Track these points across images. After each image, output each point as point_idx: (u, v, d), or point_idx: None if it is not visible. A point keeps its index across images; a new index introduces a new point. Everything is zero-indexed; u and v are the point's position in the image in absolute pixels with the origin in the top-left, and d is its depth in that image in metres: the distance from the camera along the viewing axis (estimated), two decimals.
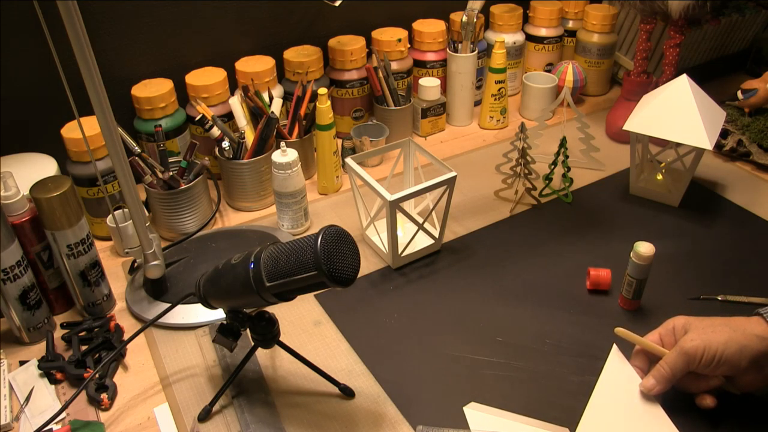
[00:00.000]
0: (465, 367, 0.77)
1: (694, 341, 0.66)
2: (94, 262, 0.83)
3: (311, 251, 0.58)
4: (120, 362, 0.79)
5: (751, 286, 0.87)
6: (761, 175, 1.12)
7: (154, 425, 0.71)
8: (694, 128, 0.94)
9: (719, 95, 1.16)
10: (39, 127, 1.03)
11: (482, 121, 1.29)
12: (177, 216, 0.97)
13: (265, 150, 1.03)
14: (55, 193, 0.75)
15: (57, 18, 0.63)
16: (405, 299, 0.87)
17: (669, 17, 1.11)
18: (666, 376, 0.68)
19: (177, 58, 1.11)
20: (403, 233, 0.98)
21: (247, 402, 0.73)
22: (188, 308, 0.84)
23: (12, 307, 0.78)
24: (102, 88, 0.67)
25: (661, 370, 0.68)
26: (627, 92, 1.22)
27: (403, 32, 1.24)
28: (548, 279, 0.89)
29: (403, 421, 0.70)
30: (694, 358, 0.66)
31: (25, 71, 0.99)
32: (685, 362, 0.67)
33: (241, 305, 0.68)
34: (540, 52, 1.39)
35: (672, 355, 0.68)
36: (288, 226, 0.99)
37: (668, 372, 0.68)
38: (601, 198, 1.07)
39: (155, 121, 1.02)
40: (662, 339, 0.72)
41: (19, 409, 0.73)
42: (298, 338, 0.81)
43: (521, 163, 1.01)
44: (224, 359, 0.79)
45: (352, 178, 0.94)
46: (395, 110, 1.20)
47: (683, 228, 0.99)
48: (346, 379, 0.75)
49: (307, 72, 1.15)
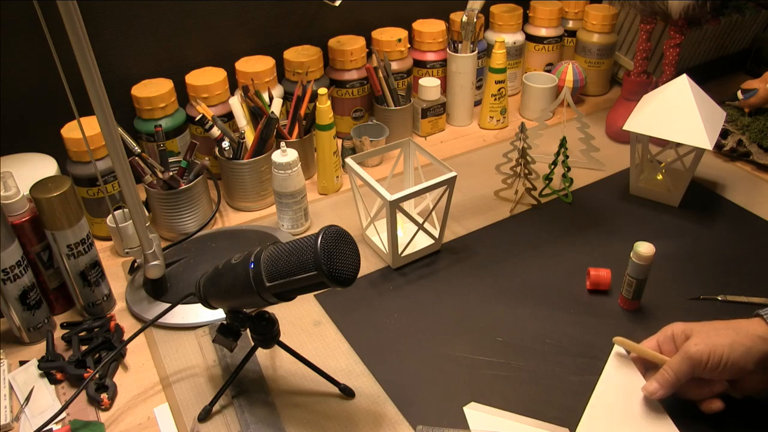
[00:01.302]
0: (465, 367, 0.77)
1: (699, 345, 0.65)
2: (94, 262, 0.83)
3: (311, 251, 0.58)
4: (120, 362, 0.79)
5: (751, 286, 0.87)
6: (761, 175, 1.12)
7: (154, 425, 0.71)
8: (694, 128, 0.94)
9: (719, 95, 1.16)
10: (39, 127, 1.03)
11: (482, 121, 1.29)
12: (177, 216, 0.97)
13: (265, 150, 1.03)
14: (55, 193, 0.75)
15: (57, 18, 0.63)
16: (405, 299, 0.87)
17: (669, 17, 1.11)
18: (670, 381, 0.66)
19: (177, 58, 1.11)
20: (403, 233, 0.98)
21: (247, 402, 0.73)
22: (188, 308, 0.84)
23: (12, 307, 0.78)
24: (102, 88, 0.67)
25: (665, 375, 0.67)
26: (627, 92, 1.22)
27: (403, 32, 1.24)
28: (548, 279, 0.89)
29: (403, 421, 0.70)
30: (699, 362, 0.65)
31: (25, 71, 0.99)
32: (691, 367, 0.65)
33: (241, 305, 0.68)
34: (540, 52, 1.39)
35: (676, 359, 0.66)
36: (288, 226, 0.99)
37: (672, 377, 0.66)
38: (601, 198, 1.07)
39: (155, 121, 1.02)
40: (660, 346, 0.71)
41: (19, 409, 0.73)
42: (298, 338, 0.81)
43: (521, 163, 1.01)
44: (224, 359, 0.79)
45: (352, 178, 0.94)
46: (395, 110, 1.20)
47: (683, 228, 0.99)
48: (346, 379, 0.75)
49: (307, 72, 1.15)
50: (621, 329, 0.81)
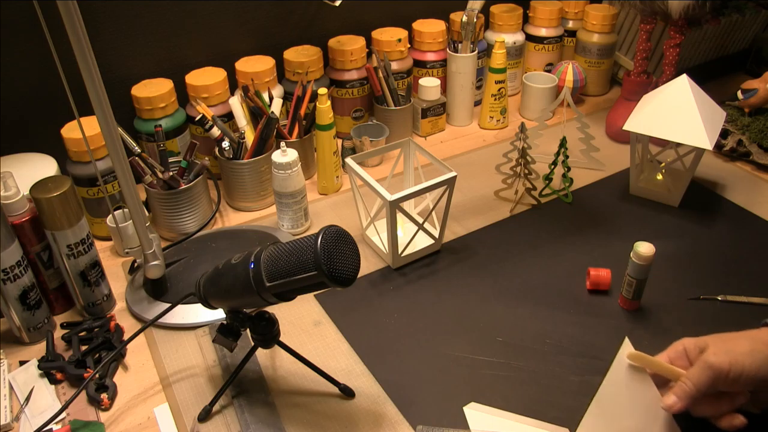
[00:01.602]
0: (465, 367, 0.77)
1: (719, 355, 0.61)
2: (94, 262, 0.83)
3: (311, 251, 0.58)
4: (120, 362, 0.79)
5: (751, 286, 0.87)
6: (761, 175, 1.12)
7: (154, 425, 0.71)
8: (694, 128, 0.94)
9: (719, 95, 1.16)
10: (39, 127, 1.03)
11: (482, 121, 1.29)
12: (177, 216, 0.97)
13: (265, 150, 1.03)
14: (55, 193, 0.75)
15: (57, 18, 0.63)
16: (405, 299, 0.87)
17: (669, 17, 1.11)
18: (690, 393, 0.62)
19: (177, 58, 1.11)
20: (403, 233, 0.98)
21: (247, 402, 0.73)
22: (188, 308, 0.84)
23: (12, 307, 0.78)
24: (102, 88, 0.67)
25: (684, 387, 0.62)
26: (627, 92, 1.22)
27: (403, 32, 1.24)
28: (548, 279, 0.89)
29: (403, 421, 0.70)
30: (720, 372, 0.61)
31: (25, 71, 0.99)
32: (712, 377, 0.61)
33: (241, 305, 0.68)
34: (540, 52, 1.39)
35: (696, 370, 0.62)
36: (288, 226, 0.99)
37: (692, 388, 0.62)
38: (601, 198, 1.07)
39: (155, 121, 1.02)
40: (673, 363, 0.66)
41: (19, 409, 0.73)
42: (298, 338, 0.81)
43: (521, 163, 1.01)
44: (224, 359, 0.79)
45: (352, 178, 0.94)
46: (395, 110, 1.20)
47: (683, 228, 0.99)
48: (346, 379, 0.75)
49: (307, 72, 1.15)
50: (621, 329, 0.81)
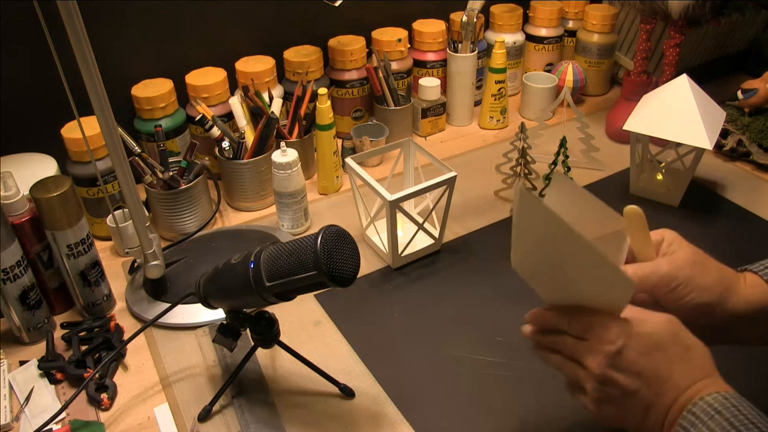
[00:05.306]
0: (465, 367, 0.76)
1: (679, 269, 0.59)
2: (94, 262, 0.83)
3: (311, 251, 0.58)
4: (120, 362, 0.79)
5: None
6: (761, 175, 1.12)
7: (154, 425, 0.71)
8: (694, 128, 0.94)
9: (719, 95, 1.16)
10: (39, 127, 1.02)
11: (482, 121, 1.29)
12: (177, 216, 0.97)
13: (265, 150, 1.03)
14: (55, 193, 0.75)
15: (57, 18, 0.63)
16: (405, 299, 0.87)
17: (669, 17, 1.11)
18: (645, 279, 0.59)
19: (177, 58, 1.11)
20: (403, 233, 0.98)
21: (247, 402, 0.73)
22: (188, 308, 0.84)
23: (12, 307, 0.78)
24: (102, 88, 0.67)
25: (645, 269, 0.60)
26: (627, 92, 1.22)
27: (403, 32, 1.24)
28: None
29: (403, 421, 0.70)
30: (668, 283, 0.59)
31: (25, 71, 0.99)
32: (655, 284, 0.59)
33: (241, 305, 0.68)
34: (540, 52, 1.39)
35: (648, 267, 0.60)
36: (288, 226, 0.99)
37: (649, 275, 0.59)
38: (601, 198, 1.05)
39: (155, 121, 1.02)
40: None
41: (19, 409, 0.73)
42: (298, 338, 0.81)
43: (521, 163, 1.00)
44: (224, 359, 0.79)
45: (352, 178, 0.94)
46: (395, 110, 1.20)
47: (683, 228, 0.98)
48: (346, 379, 0.75)
49: (307, 72, 1.15)
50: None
